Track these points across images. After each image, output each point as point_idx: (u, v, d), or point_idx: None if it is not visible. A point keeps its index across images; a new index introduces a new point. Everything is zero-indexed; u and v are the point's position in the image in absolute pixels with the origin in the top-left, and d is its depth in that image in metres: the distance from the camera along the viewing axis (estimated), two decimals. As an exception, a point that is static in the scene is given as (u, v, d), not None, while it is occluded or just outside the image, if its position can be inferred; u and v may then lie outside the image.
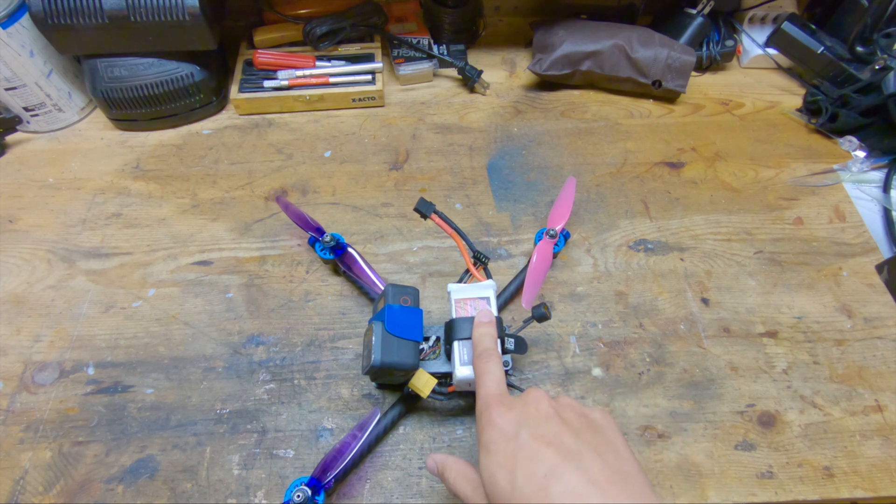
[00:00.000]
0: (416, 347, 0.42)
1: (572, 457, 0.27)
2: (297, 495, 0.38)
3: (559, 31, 0.68)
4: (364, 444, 0.41)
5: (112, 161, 0.63)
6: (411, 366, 0.41)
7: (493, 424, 0.30)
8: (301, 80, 0.66)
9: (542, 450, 0.28)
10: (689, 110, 0.70)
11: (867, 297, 0.54)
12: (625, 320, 0.52)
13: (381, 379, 0.45)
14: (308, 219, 0.52)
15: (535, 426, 0.29)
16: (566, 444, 0.28)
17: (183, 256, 0.55)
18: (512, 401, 0.32)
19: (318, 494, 0.39)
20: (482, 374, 0.35)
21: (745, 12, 0.74)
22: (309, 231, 0.52)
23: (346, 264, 0.51)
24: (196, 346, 0.50)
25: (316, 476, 0.39)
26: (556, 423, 0.30)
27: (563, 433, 0.29)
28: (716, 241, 0.57)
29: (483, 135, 0.66)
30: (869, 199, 0.61)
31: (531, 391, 0.33)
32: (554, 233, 0.52)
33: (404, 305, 0.43)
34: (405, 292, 0.43)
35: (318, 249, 0.52)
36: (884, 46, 0.67)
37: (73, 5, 0.55)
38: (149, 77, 0.61)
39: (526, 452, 0.28)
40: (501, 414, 0.31)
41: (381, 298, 0.45)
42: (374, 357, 0.40)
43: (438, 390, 0.43)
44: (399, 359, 0.40)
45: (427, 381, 0.42)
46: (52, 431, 0.45)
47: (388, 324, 0.41)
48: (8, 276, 0.54)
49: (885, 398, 0.48)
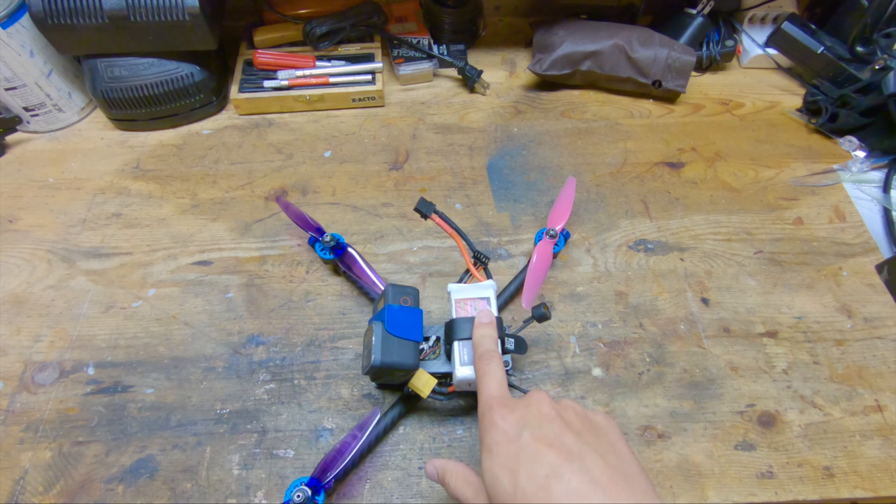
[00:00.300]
0: (416, 347, 0.42)
1: (574, 458, 0.28)
2: (297, 495, 0.38)
3: (559, 31, 0.68)
4: (364, 445, 0.41)
5: (112, 161, 0.63)
6: (411, 366, 0.41)
7: (495, 426, 0.31)
8: (301, 80, 0.66)
9: (545, 451, 0.28)
10: (689, 110, 0.70)
11: (867, 297, 0.54)
12: (625, 320, 0.52)
13: (382, 379, 0.45)
14: (308, 219, 0.52)
15: (537, 427, 0.30)
16: (568, 445, 0.29)
17: (183, 256, 0.55)
18: (514, 402, 0.32)
19: (318, 494, 0.39)
20: (483, 376, 0.35)
21: (745, 12, 0.74)
22: (309, 231, 0.52)
23: (346, 264, 0.51)
24: (196, 346, 0.50)
25: (316, 476, 0.39)
26: (558, 425, 0.30)
27: (565, 434, 0.29)
28: (716, 241, 0.57)
29: (483, 135, 0.66)
30: (869, 199, 0.61)
31: (534, 393, 0.33)
32: (554, 233, 0.52)
33: (404, 305, 0.43)
34: (405, 292, 0.43)
35: (318, 249, 0.52)
36: (884, 46, 0.67)
37: (73, 5, 0.55)
38: (149, 77, 0.61)
39: (528, 453, 0.28)
40: (504, 416, 0.31)
41: (381, 298, 0.45)
42: (375, 357, 0.40)
43: (438, 390, 0.43)
44: (399, 359, 0.40)
45: (427, 381, 0.42)
46: (52, 431, 0.45)
47: (388, 324, 0.41)
48: (8, 276, 0.54)
49: (885, 398, 0.48)
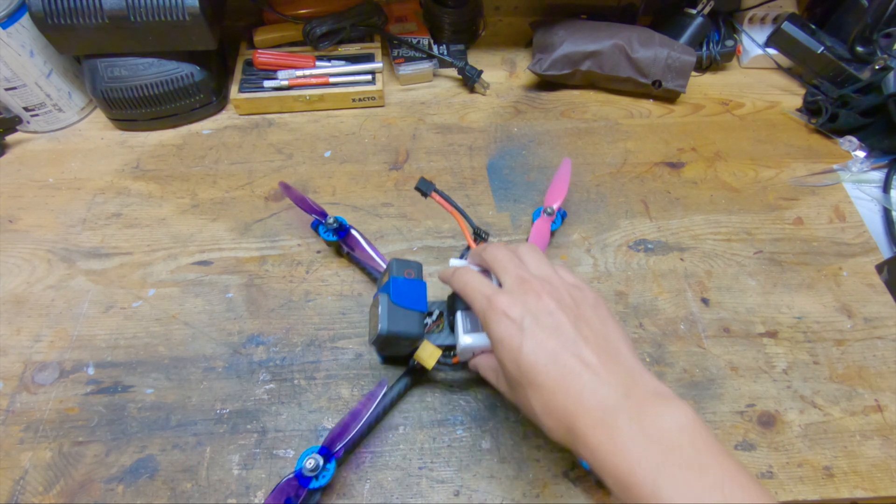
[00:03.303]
0: (421, 317, 0.43)
1: (570, 344, 0.32)
2: (308, 462, 0.39)
3: (559, 31, 0.68)
4: (372, 416, 0.42)
5: (112, 161, 0.63)
6: (417, 335, 0.42)
7: (500, 316, 0.34)
8: (301, 80, 0.66)
9: (546, 340, 0.32)
10: (689, 110, 0.70)
11: (867, 297, 0.54)
12: (625, 320, 0.52)
13: (388, 350, 0.46)
14: (310, 202, 0.53)
15: (537, 318, 0.33)
16: (565, 333, 0.33)
17: (183, 256, 0.55)
18: (511, 292, 0.35)
19: (329, 462, 0.40)
20: (467, 284, 0.38)
21: (745, 12, 0.74)
22: (312, 214, 0.53)
23: (349, 245, 0.52)
24: (196, 346, 0.50)
25: (326, 445, 0.40)
26: (556, 315, 0.33)
27: (564, 325, 0.33)
28: (716, 241, 0.57)
29: (483, 135, 0.66)
30: (869, 199, 0.61)
31: (524, 253, 0.38)
32: (551, 210, 0.54)
33: (408, 278, 0.44)
34: (409, 265, 0.45)
35: (321, 232, 0.53)
36: (884, 46, 0.67)
37: (73, 5, 0.55)
38: (149, 77, 0.61)
39: (532, 342, 0.33)
40: (508, 306, 0.34)
41: (385, 272, 0.46)
42: (381, 326, 0.41)
43: (443, 361, 0.44)
44: (405, 328, 0.41)
45: (432, 353, 0.43)
46: (52, 431, 0.45)
47: (394, 295, 0.42)
48: (8, 276, 0.54)
49: (885, 398, 0.48)
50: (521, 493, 0.43)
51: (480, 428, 0.46)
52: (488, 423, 0.46)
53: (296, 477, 0.39)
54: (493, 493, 0.43)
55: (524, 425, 0.46)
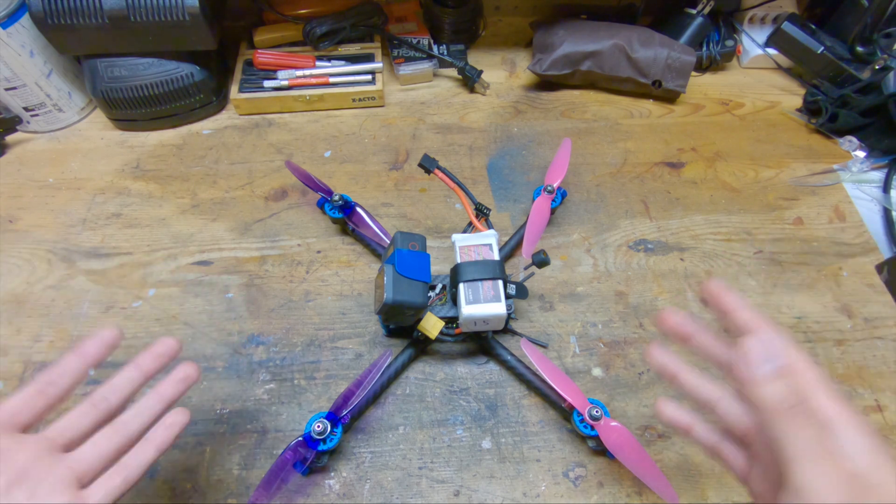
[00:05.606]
0: (425, 288, 0.44)
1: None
2: (317, 425, 0.41)
3: (559, 31, 0.68)
4: (377, 384, 0.44)
5: (112, 161, 0.63)
6: (421, 304, 0.43)
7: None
8: (301, 80, 0.66)
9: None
10: (689, 110, 0.70)
11: (867, 297, 0.54)
12: (625, 320, 0.52)
13: (393, 319, 0.46)
14: (315, 179, 0.54)
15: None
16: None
17: (183, 256, 0.55)
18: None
19: (337, 427, 0.42)
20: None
21: (745, 12, 0.74)
22: (318, 192, 0.55)
23: (355, 222, 0.54)
24: (196, 346, 0.50)
25: (333, 411, 0.42)
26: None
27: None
28: (716, 241, 0.57)
29: (483, 135, 0.66)
30: (869, 199, 0.61)
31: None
32: (551, 188, 0.55)
33: (413, 250, 0.45)
34: (413, 238, 0.45)
35: (327, 209, 0.54)
36: (884, 46, 0.67)
37: (73, 5, 0.55)
38: (149, 77, 0.61)
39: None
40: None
41: (390, 246, 0.46)
42: (387, 295, 0.42)
43: (446, 331, 0.45)
44: (409, 297, 0.42)
45: (435, 324, 0.45)
46: (52, 431, 0.45)
47: (399, 265, 0.43)
48: (8, 276, 0.54)
49: (885, 398, 0.48)
50: (521, 493, 0.43)
51: (480, 428, 0.46)
52: (488, 423, 0.46)
53: (305, 440, 0.41)
54: (493, 493, 0.43)
55: (524, 425, 0.46)
